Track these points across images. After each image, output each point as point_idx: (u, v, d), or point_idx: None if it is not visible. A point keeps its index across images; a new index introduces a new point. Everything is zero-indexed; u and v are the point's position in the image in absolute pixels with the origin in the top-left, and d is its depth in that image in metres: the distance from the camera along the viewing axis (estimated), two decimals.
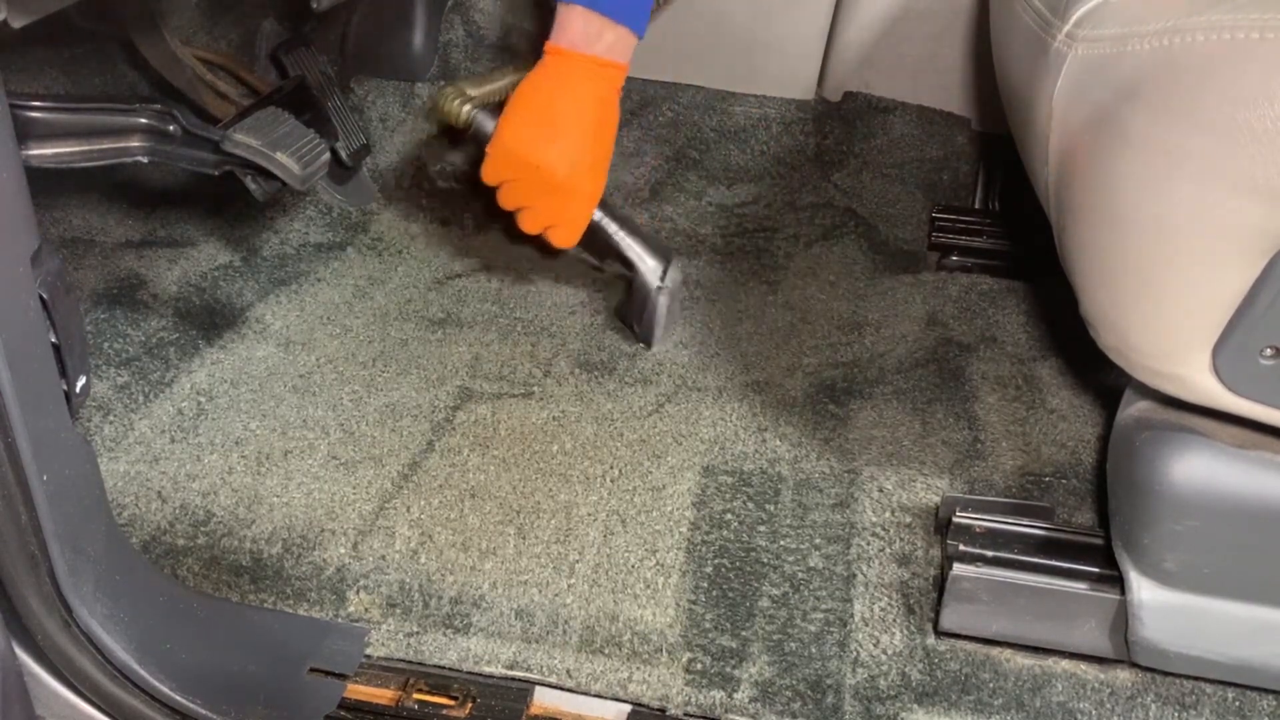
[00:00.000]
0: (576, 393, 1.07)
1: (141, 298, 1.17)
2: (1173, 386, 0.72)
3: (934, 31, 1.37)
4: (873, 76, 1.42)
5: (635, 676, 0.82)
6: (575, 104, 1.06)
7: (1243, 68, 0.60)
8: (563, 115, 1.06)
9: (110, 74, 1.35)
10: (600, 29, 1.04)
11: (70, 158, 0.95)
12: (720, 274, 1.28)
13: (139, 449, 0.98)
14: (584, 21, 1.04)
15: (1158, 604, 0.77)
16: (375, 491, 0.94)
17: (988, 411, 1.05)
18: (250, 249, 1.26)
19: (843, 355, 1.14)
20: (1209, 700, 0.80)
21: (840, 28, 1.41)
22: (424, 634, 0.84)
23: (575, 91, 1.06)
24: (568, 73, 1.06)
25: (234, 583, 0.87)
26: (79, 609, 0.71)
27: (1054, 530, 0.84)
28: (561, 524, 0.92)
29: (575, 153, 1.06)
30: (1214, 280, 0.65)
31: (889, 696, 0.80)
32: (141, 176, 1.37)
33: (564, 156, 1.06)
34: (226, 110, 1.26)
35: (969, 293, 1.24)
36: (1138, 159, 0.65)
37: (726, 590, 0.87)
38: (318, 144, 1.04)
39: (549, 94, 1.06)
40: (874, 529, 0.92)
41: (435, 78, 1.47)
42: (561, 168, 1.06)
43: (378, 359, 1.11)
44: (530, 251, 1.31)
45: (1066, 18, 0.75)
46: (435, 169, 1.43)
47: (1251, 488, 0.72)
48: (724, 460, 0.99)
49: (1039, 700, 0.80)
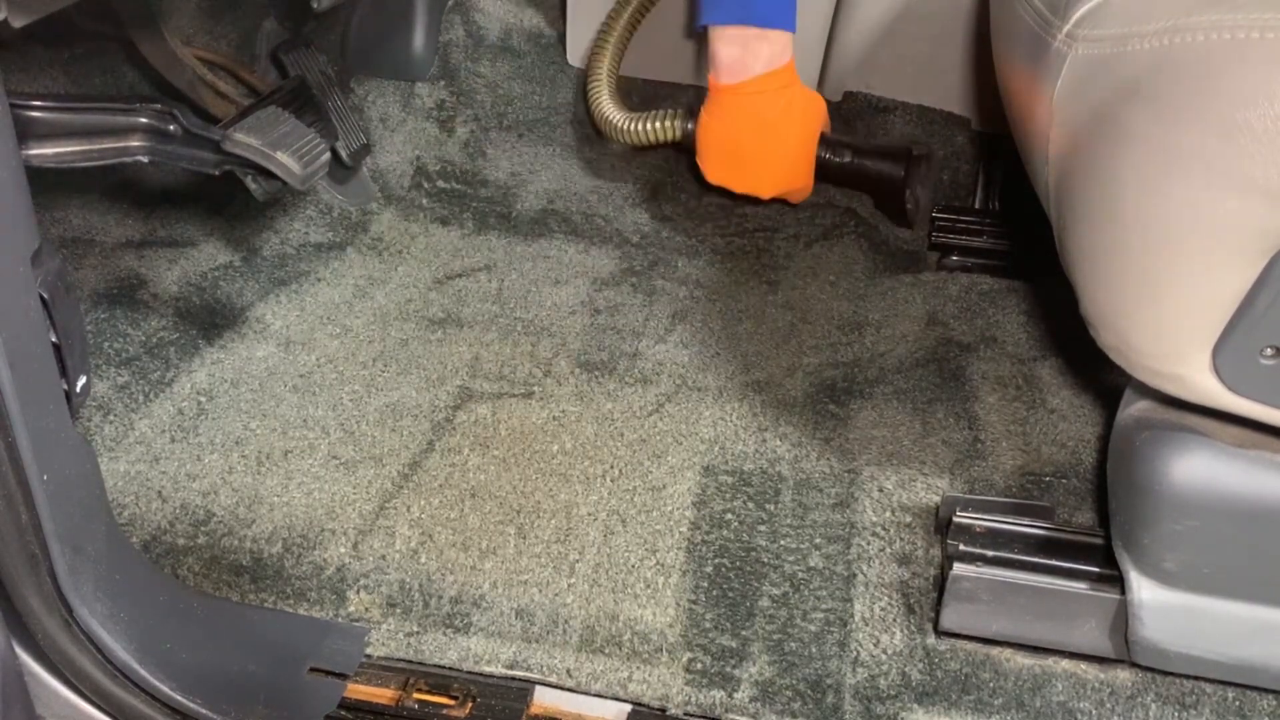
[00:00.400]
0: (576, 393, 1.08)
1: (141, 298, 1.17)
2: (1173, 386, 0.72)
3: (934, 31, 1.37)
4: (873, 76, 1.42)
5: (635, 676, 0.82)
6: (756, 132, 1.10)
7: (1243, 67, 0.60)
8: (750, 148, 1.11)
9: (110, 74, 1.35)
10: (758, 43, 1.05)
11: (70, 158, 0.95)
12: (720, 274, 1.28)
13: (139, 449, 0.98)
14: (741, 43, 1.04)
15: (1158, 604, 0.77)
16: (375, 491, 0.94)
17: (988, 411, 1.05)
18: (250, 249, 1.26)
19: (843, 355, 1.14)
20: (1209, 700, 0.80)
21: (840, 28, 1.40)
22: (424, 634, 0.84)
23: (754, 120, 1.09)
24: (739, 107, 1.08)
25: (234, 582, 0.87)
26: (79, 609, 0.71)
27: (1054, 530, 0.84)
28: (561, 524, 0.92)
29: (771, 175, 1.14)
30: (1214, 280, 0.65)
31: (889, 696, 0.80)
32: (141, 176, 1.37)
33: (762, 182, 1.14)
34: (226, 110, 1.26)
35: (969, 293, 1.24)
36: (1138, 159, 0.65)
37: (727, 590, 0.87)
38: (318, 144, 1.04)
39: (734, 130, 1.10)
40: (874, 529, 0.92)
41: (435, 77, 1.47)
42: (765, 191, 1.15)
43: (378, 359, 1.11)
44: (530, 251, 1.31)
45: (1066, 17, 0.75)
46: (435, 169, 1.43)
47: (1251, 487, 0.72)
48: (724, 460, 0.99)
49: (1039, 700, 0.80)
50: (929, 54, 1.39)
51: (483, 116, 1.47)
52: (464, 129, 1.46)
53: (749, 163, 1.13)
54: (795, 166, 1.16)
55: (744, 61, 1.05)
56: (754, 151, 1.12)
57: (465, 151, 1.44)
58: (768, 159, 1.13)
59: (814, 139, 1.19)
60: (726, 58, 1.06)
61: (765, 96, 1.08)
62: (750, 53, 1.05)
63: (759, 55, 1.05)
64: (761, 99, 1.08)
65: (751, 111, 1.09)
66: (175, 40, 1.24)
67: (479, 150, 1.45)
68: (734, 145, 1.12)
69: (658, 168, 1.45)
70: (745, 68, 1.05)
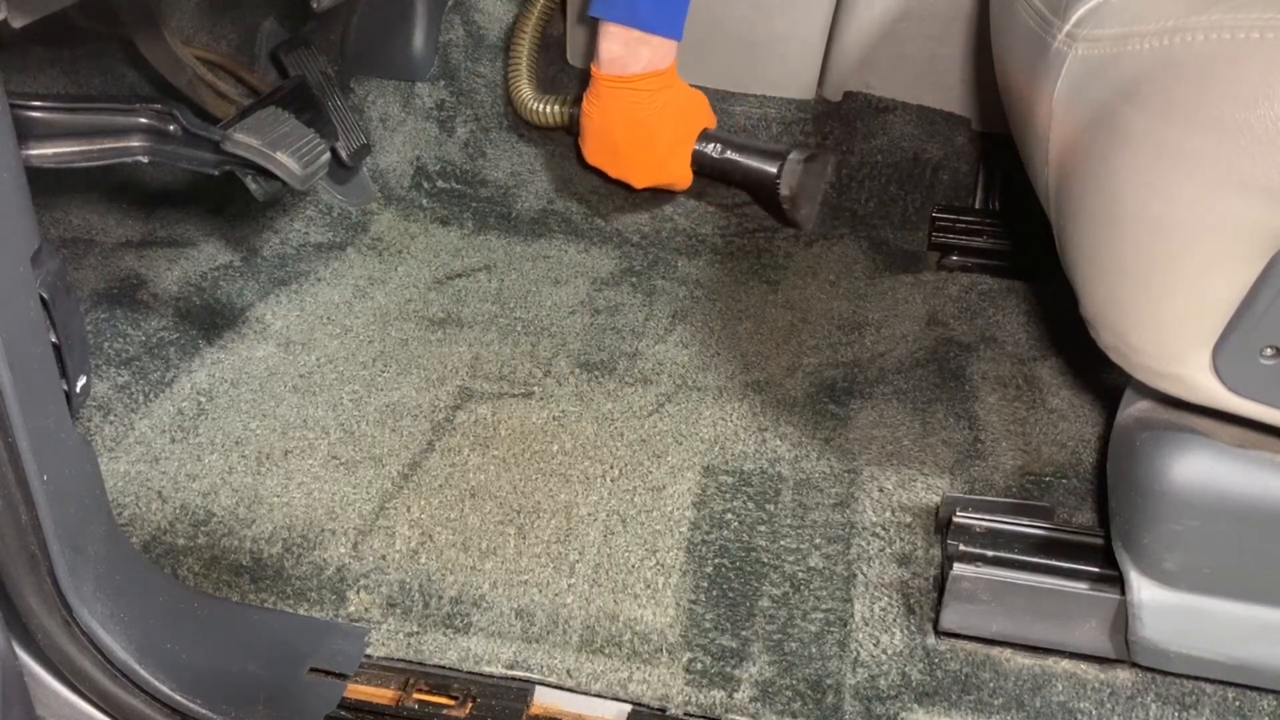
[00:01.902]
0: (576, 393, 1.08)
1: (141, 298, 1.17)
2: (1173, 386, 0.72)
3: (934, 31, 1.37)
4: (873, 76, 1.42)
5: (635, 676, 0.82)
6: (628, 128, 1.14)
7: (1243, 67, 0.60)
8: (622, 141, 1.16)
9: (110, 74, 1.35)
10: (639, 45, 1.08)
11: (70, 158, 0.95)
12: (720, 274, 1.28)
13: (139, 449, 0.98)
14: (623, 42, 1.07)
15: (1158, 604, 0.77)
16: (375, 491, 0.94)
17: (988, 411, 1.05)
18: (250, 249, 1.26)
19: (843, 355, 1.14)
20: (1209, 700, 0.80)
21: (840, 28, 1.41)
22: (424, 634, 0.84)
23: (627, 116, 1.13)
24: (614, 100, 1.13)
25: (234, 582, 0.87)
26: (79, 609, 0.71)
27: (1054, 530, 0.84)
28: (561, 524, 0.92)
29: (641, 168, 1.18)
30: (1214, 280, 0.65)
31: (889, 696, 0.80)
32: (141, 176, 1.37)
33: (633, 173, 1.18)
34: (226, 110, 1.26)
35: (969, 293, 1.24)
36: (1138, 158, 0.65)
37: (727, 590, 0.87)
38: (318, 144, 1.04)
39: (608, 122, 1.15)
40: (874, 529, 0.92)
41: (435, 77, 1.47)
42: (636, 181, 1.19)
43: (378, 359, 1.11)
44: (530, 251, 1.31)
45: (1066, 17, 0.75)
46: (435, 169, 1.43)
47: (1251, 488, 0.72)
48: (724, 460, 0.99)
49: (1039, 700, 0.80)
50: (929, 54, 1.39)
51: (483, 116, 1.47)
52: (464, 129, 1.46)
53: (621, 154, 1.18)
54: (665, 163, 1.19)
55: (623, 60, 1.09)
56: (626, 144, 1.16)
57: (465, 151, 1.44)
58: (638, 153, 1.17)
59: (690, 137, 1.21)
60: (607, 53, 1.10)
61: (641, 94, 1.12)
62: (631, 53, 1.08)
63: (639, 57, 1.09)
64: (636, 96, 1.12)
65: (626, 106, 1.13)
66: (175, 40, 1.24)
67: (479, 150, 1.45)
68: (608, 135, 1.16)
69: None
70: (624, 66, 1.09)
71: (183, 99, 1.26)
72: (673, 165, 1.21)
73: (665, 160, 1.19)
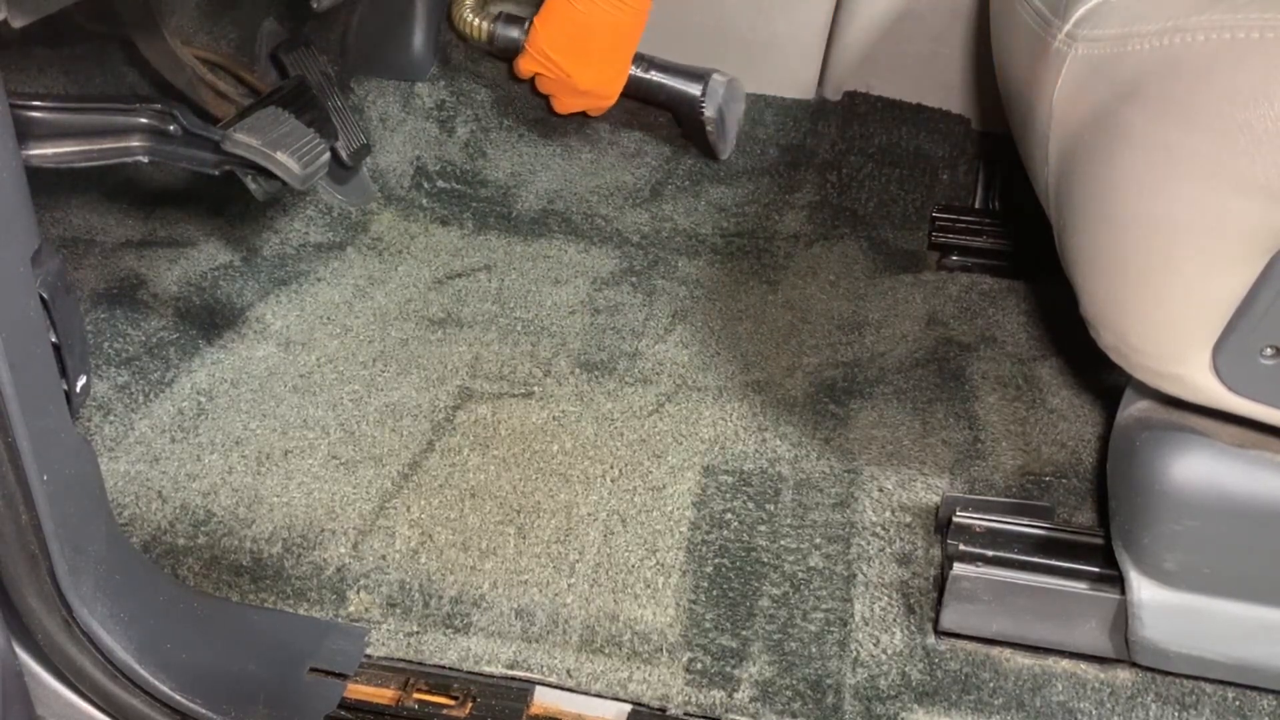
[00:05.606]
0: (576, 393, 1.08)
1: (141, 298, 1.17)
2: (1173, 386, 0.72)
3: (934, 31, 1.37)
4: (873, 76, 1.42)
5: (635, 676, 0.82)
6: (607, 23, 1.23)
7: (1243, 67, 0.60)
8: (595, 34, 1.24)
9: (110, 74, 1.35)
10: None
11: (70, 158, 0.95)
12: (720, 274, 1.28)
13: (139, 449, 0.98)
14: None
15: (1158, 604, 0.77)
16: (375, 491, 0.94)
17: (988, 411, 1.05)
18: (250, 249, 1.26)
19: (843, 355, 1.14)
20: (1209, 700, 0.80)
21: (840, 28, 1.41)
22: (424, 634, 0.84)
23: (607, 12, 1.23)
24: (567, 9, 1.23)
25: (234, 582, 0.87)
26: (79, 609, 0.71)
27: (1054, 530, 0.84)
28: (561, 524, 0.92)
29: (600, 66, 1.26)
30: (1214, 280, 0.65)
31: (889, 696, 0.80)
32: (141, 176, 1.37)
33: (590, 69, 1.26)
34: (226, 110, 1.26)
35: (969, 292, 1.24)
36: (1138, 158, 0.65)
37: (727, 590, 0.87)
38: (318, 144, 1.04)
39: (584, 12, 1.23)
40: (874, 529, 0.92)
41: (435, 77, 1.47)
42: (587, 80, 1.27)
43: (378, 359, 1.11)
44: (530, 251, 1.31)
45: (1066, 17, 0.75)
46: (435, 169, 1.43)
47: (1251, 488, 0.72)
48: (724, 460, 0.99)
49: (1039, 700, 0.80)
50: (929, 54, 1.39)
51: (483, 116, 1.47)
52: (464, 129, 1.46)
53: (587, 42, 1.25)
54: (618, 72, 1.30)
55: None
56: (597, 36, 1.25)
57: (465, 151, 1.44)
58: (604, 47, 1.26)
59: (628, 53, 1.30)
60: None
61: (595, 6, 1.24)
62: None
63: None
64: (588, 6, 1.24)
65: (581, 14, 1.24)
66: (175, 40, 1.24)
67: (479, 150, 1.45)
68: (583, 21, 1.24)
69: (658, 168, 1.45)
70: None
71: (183, 99, 1.26)
72: (609, 74, 1.29)
73: (603, 68, 1.28)
